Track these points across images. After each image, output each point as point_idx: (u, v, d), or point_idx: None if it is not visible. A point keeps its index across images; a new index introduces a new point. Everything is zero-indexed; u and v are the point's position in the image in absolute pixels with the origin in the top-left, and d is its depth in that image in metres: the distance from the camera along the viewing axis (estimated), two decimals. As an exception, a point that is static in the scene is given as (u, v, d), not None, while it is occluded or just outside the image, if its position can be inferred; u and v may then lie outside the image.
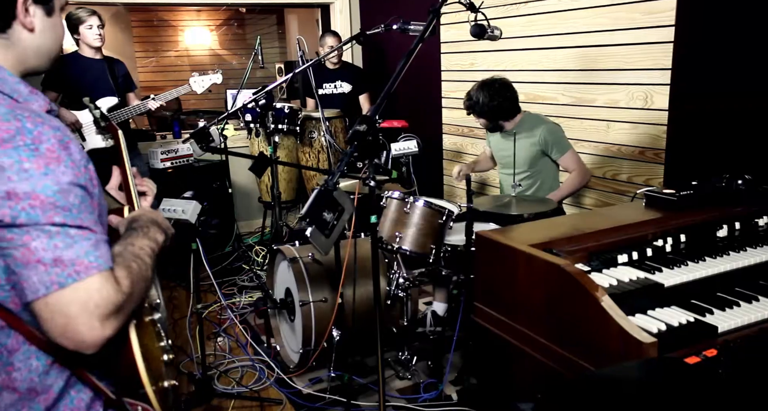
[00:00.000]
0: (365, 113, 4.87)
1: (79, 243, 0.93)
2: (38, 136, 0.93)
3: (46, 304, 0.91)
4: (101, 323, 0.93)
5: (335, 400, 2.60)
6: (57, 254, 0.91)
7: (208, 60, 8.15)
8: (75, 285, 0.91)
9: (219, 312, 3.59)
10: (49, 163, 0.93)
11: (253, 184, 4.94)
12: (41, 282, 0.91)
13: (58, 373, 1.04)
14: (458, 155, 4.43)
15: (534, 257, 1.60)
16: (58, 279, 0.91)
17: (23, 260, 0.91)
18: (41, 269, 0.91)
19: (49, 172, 0.92)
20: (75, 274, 0.91)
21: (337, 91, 4.66)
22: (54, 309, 0.91)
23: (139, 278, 1.04)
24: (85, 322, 0.92)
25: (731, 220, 1.88)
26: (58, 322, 0.92)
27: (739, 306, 1.54)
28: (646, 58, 2.86)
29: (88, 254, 0.93)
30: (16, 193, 0.90)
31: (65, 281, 0.91)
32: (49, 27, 1.07)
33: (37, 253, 0.91)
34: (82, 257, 0.92)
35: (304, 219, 1.68)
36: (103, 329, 0.93)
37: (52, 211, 0.92)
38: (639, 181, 3.01)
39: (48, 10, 1.06)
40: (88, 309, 0.92)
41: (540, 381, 1.66)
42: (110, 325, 0.95)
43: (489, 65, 3.91)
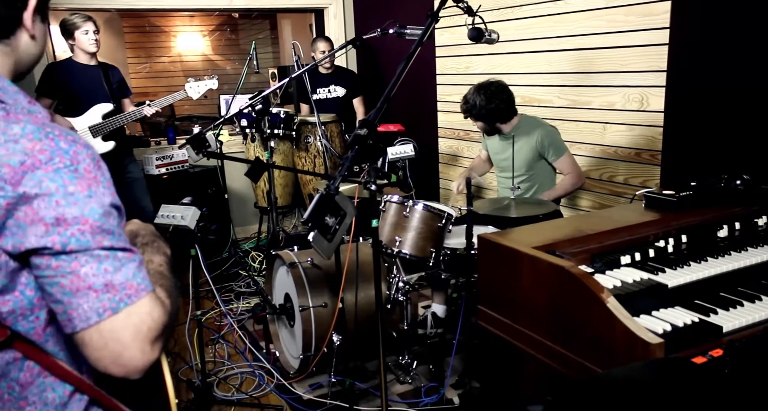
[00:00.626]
0: (360, 117, 4.91)
1: (126, 266, 0.90)
2: (75, 157, 0.89)
3: (99, 331, 0.87)
4: (151, 346, 0.91)
5: (336, 405, 2.59)
6: (108, 279, 0.88)
7: (201, 65, 8.14)
8: (128, 309, 0.88)
9: (217, 318, 3.57)
10: (91, 185, 0.89)
11: (249, 189, 4.93)
12: (92, 309, 0.87)
13: (76, 403, 1.00)
14: (454, 159, 4.43)
15: (538, 259, 1.60)
16: (110, 305, 0.88)
17: (72, 288, 0.87)
18: (92, 296, 0.87)
19: (92, 194, 0.89)
20: (126, 297, 0.89)
21: (331, 95, 4.66)
22: (107, 336, 0.88)
23: (171, 294, 1.02)
24: (138, 347, 0.89)
25: (731, 220, 1.89)
26: (113, 349, 0.88)
27: (742, 306, 1.55)
28: (641, 60, 2.88)
29: (135, 276, 0.91)
30: (65, 219, 0.86)
31: (117, 306, 0.88)
32: (44, 33, 1.05)
33: (88, 279, 0.87)
34: (131, 280, 0.90)
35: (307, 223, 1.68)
36: (153, 352, 0.91)
37: (100, 235, 0.89)
38: (635, 182, 3.03)
39: (44, 16, 1.04)
40: (141, 333, 0.89)
41: (545, 383, 1.66)
42: (158, 346, 0.92)
43: (484, 68, 3.92)
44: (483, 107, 2.91)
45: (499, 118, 2.98)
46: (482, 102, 2.91)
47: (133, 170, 4.00)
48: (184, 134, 5.15)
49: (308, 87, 3.97)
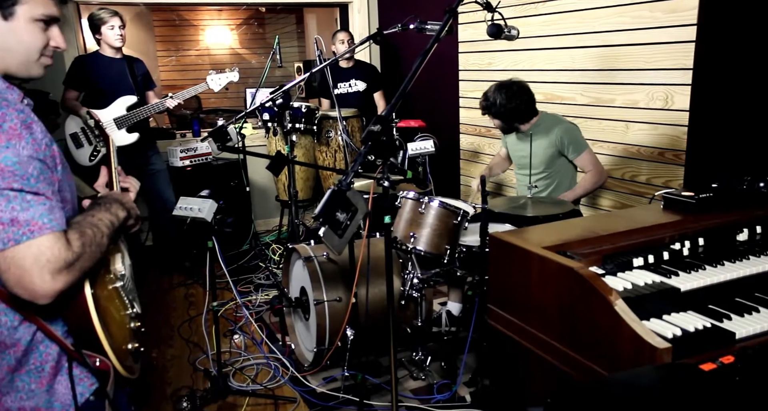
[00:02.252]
0: (381, 111, 4.90)
1: (35, 207, 1.07)
2: (2, 116, 1.07)
3: (3, 257, 1.05)
4: (52, 276, 1.07)
5: (348, 399, 2.61)
6: (14, 215, 1.05)
7: (228, 59, 8.22)
8: (29, 242, 1.05)
9: (235, 310, 3.62)
10: (11, 139, 1.07)
11: (271, 182, 4.97)
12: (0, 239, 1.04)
13: (25, 329, 1.18)
14: (475, 155, 4.40)
15: (547, 260, 1.58)
16: (14, 236, 1.05)
17: None
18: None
19: (10, 145, 1.06)
20: (29, 232, 1.06)
21: (351, 89, 4.66)
22: (10, 262, 1.05)
23: (92, 242, 1.17)
24: (37, 274, 1.05)
25: (752, 223, 1.84)
26: (14, 273, 1.05)
27: (758, 312, 1.51)
28: (666, 58, 2.81)
29: (42, 216, 1.07)
30: None
31: (20, 238, 1.05)
32: (5, 31, 1.16)
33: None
34: (36, 219, 1.06)
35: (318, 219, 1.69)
36: (54, 282, 1.07)
37: (11, 179, 1.06)
38: (658, 182, 2.97)
39: (4, 14, 1.15)
40: (39, 263, 1.05)
41: (552, 384, 1.64)
42: (61, 279, 1.08)
43: (507, 65, 3.88)
44: (503, 106, 2.89)
45: (518, 118, 2.94)
46: (502, 101, 2.88)
47: (156, 162, 4.07)
48: (210, 127, 5.21)
49: (330, 82, 3.98)
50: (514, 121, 2.95)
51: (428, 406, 2.56)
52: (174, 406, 2.65)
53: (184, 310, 3.71)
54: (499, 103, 2.88)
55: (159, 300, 3.88)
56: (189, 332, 3.39)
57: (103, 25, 3.68)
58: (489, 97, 2.94)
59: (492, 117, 2.99)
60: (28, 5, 1.17)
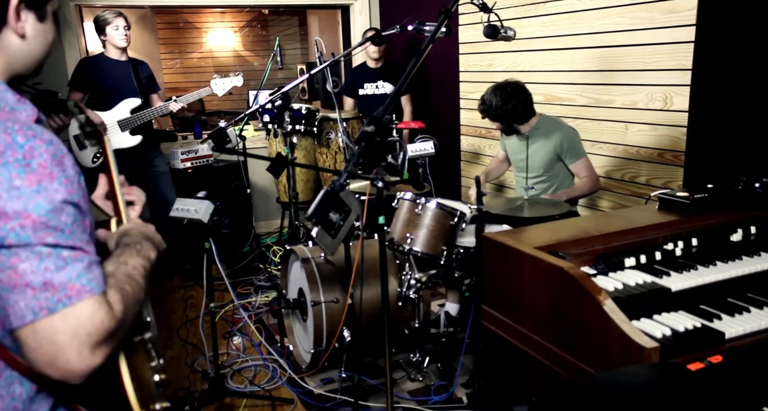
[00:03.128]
0: (407, 116, 4.84)
1: (71, 265, 0.88)
2: (30, 151, 0.88)
3: (33, 331, 0.85)
4: (91, 352, 0.87)
5: (345, 400, 2.61)
6: (47, 277, 0.86)
7: (231, 61, 8.26)
8: (65, 311, 0.86)
9: (234, 311, 3.63)
10: (42, 180, 0.88)
11: (272, 184, 4.99)
12: (28, 307, 0.85)
13: (43, 400, 0.98)
14: (476, 156, 4.40)
15: (539, 260, 1.58)
16: (47, 304, 0.85)
17: (10, 284, 0.85)
18: (29, 294, 0.85)
19: (41, 189, 0.87)
20: (66, 299, 0.86)
21: (378, 91, 4.56)
22: (42, 337, 0.85)
23: (133, 302, 0.98)
24: (75, 351, 0.86)
25: (747, 223, 1.83)
26: (47, 350, 0.86)
27: (749, 312, 1.50)
28: (666, 59, 2.80)
29: (80, 277, 0.88)
30: (5, 213, 0.85)
31: (55, 307, 0.85)
32: (40, 33, 1.03)
33: (26, 276, 0.85)
34: (74, 281, 0.87)
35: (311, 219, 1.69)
36: (93, 358, 0.88)
37: (44, 231, 0.86)
38: (658, 183, 2.96)
39: (41, 15, 1.02)
40: (78, 337, 0.86)
41: (544, 384, 1.64)
42: (101, 353, 0.89)
43: (507, 66, 3.87)
44: (499, 108, 2.89)
45: (516, 119, 2.94)
46: (498, 102, 2.88)
47: (159, 164, 4.09)
48: (212, 129, 5.23)
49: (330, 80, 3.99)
50: (512, 122, 2.95)
51: (425, 407, 2.55)
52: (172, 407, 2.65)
53: (183, 311, 3.72)
54: (496, 105, 2.89)
55: (158, 302, 3.90)
56: (187, 334, 3.40)
57: (107, 25, 3.71)
58: (486, 100, 2.94)
59: (491, 119, 2.99)
60: (52, 1, 1.04)
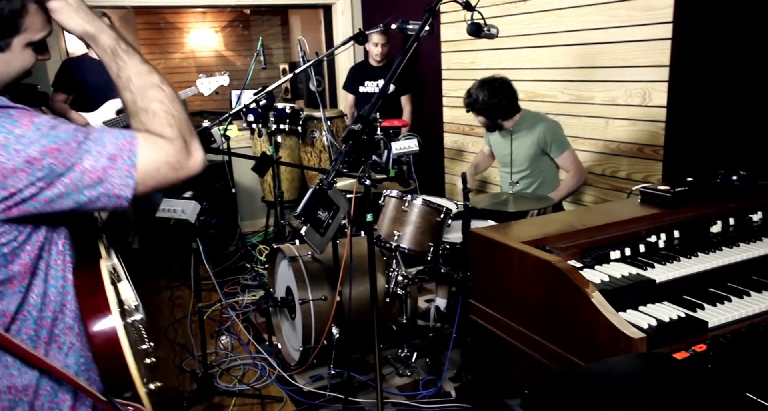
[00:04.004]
0: (407, 115, 4.79)
1: (107, 136, 1.02)
2: (5, 110, 0.97)
3: (146, 179, 1.04)
4: (187, 152, 1.12)
5: (334, 397, 2.62)
6: (106, 153, 1.00)
7: (213, 61, 8.19)
8: (141, 154, 1.04)
9: (221, 311, 3.62)
10: (32, 118, 0.97)
11: (257, 183, 4.97)
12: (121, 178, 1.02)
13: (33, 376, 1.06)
14: (459, 153, 4.43)
15: (526, 254, 1.61)
16: (125, 164, 1.01)
17: (95, 180, 0.99)
18: (111, 171, 1.00)
19: (39, 126, 0.96)
20: (131, 153, 1.02)
21: (378, 89, 4.56)
22: (151, 170, 1.05)
23: (150, 90, 1.20)
24: (179, 154, 1.11)
25: (725, 215, 1.88)
26: (168, 170, 1.08)
27: (730, 301, 1.55)
28: (644, 56, 2.86)
29: (119, 137, 1.03)
30: (33, 158, 0.94)
31: (132, 159, 1.03)
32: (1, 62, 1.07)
33: (97, 165, 0.99)
34: (121, 139, 1.02)
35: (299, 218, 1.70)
36: (191, 153, 1.13)
37: (73, 136, 0.98)
38: (637, 177, 3.01)
39: (1, 46, 1.05)
40: (165, 151, 1.08)
41: (533, 377, 1.67)
42: (192, 142, 1.16)
43: (489, 64, 3.91)
44: (486, 102, 2.91)
45: (501, 114, 2.97)
46: (485, 97, 2.91)
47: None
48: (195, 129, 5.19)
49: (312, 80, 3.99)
50: (497, 117, 2.98)
51: (414, 402, 2.58)
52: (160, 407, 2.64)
53: (170, 312, 3.70)
54: (482, 99, 2.91)
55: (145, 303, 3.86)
56: (175, 334, 3.38)
57: None
58: (472, 94, 2.97)
59: (476, 114, 3.02)
60: (25, 33, 1.07)
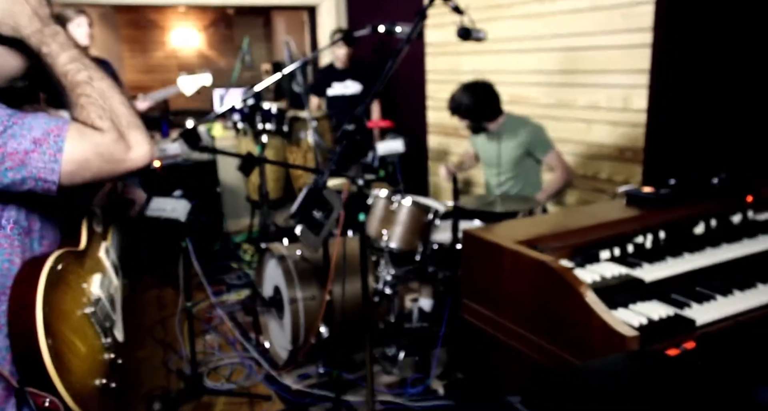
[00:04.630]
0: (375, 116, 4.79)
1: (35, 120, 1.08)
2: None
3: (50, 174, 1.06)
4: (123, 140, 1.12)
5: (323, 395, 2.63)
6: (30, 137, 1.05)
7: (195, 60, 8.13)
8: (67, 142, 1.08)
9: (208, 310, 3.60)
10: None
11: (242, 182, 4.95)
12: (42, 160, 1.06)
13: None
14: (443, 155, 4.48)
15: (520, 254, 1.65)
16: (52, 148, 1.07)
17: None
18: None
19: None
20: (58, 138, 1.07)
21: (347, 91, 4.54)
22: (94, 154, 1.09)
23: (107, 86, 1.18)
24: (114, 146, 1.11)
25: (708, 216, 1.95)
26: (98, 158, 1.09)
27: (716, 299, 1.61)
28: (625, 61, 2.93)
29: (48, 123, 1.09)
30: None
31: (59, 143, 1.07)
32: None
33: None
34: (50, 125, 1.08)
35: (294, 217, 1.72)
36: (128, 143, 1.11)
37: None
38: (618, 179, 3.09)
39: None
40: (94, 137, 1.12)
41: (526, 375, 1.71)
42: (135, 133, 1.14)
43: (473, 67, 3.96)
44: (469, 106, 2.96)
45: (485, 117, 3.02)
46: (468, 101, 2.95)
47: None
48: (179, 128, 5.16)
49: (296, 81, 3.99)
50: (481, 119, 3.02)
51: (402, 400, 2.60)
52: (147, 407, 2.63)
53: (156, 311, 3.67)
54: (466, 103, 2.96)
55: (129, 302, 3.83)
56: (161, 334, 3.36)
57: (69, 23, 3.62)
58: (456, 98, 3.01)
59: (460, 117, 3.06)
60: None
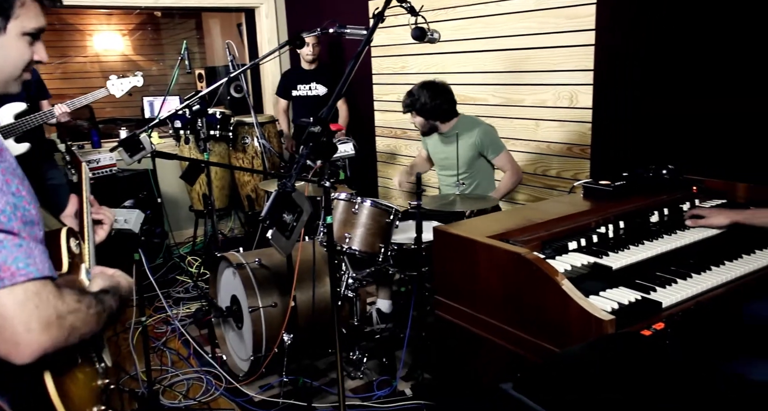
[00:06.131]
0: (343, 117, 4.74)
1: (8, 249, 0.88)
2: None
3: None
4: (40, 327, 0.87)
5: (290, 404, 2.58)
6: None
7: (120, 66, 7.78)
8: (11, 288, 0.87)
9: (156, 326, 3.45)
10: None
11: (183, 192, 4.79)
12: None
13: None
14: (392, 157, 4.50)
15: (494, 248, 1.68)
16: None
17: None
18: None
19: None
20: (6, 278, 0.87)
21: (311, 93, 4.47)
22: None
23: (90, 319, 0.99)
24: (23, 322, 0.86)
25: (660, 206, 2.06)
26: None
27: (676, 283, 1.69)
28: (570, 60, 3.05)
29: (16, 261, 0.88)
30: None
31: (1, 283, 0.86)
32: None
33: None
34: (9, 264, 0.87)
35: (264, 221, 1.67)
36: (41, 335, 0.87)
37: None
38: (567, 175, 3.21)
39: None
40: (26, 308, 0.86)
41: (504, 366, 1.74)
42: (50, 333, 0.88)
43: (420, 68, 4.01)
44: (427, 103, 2.99)
45: (441, 117, 3.06)
46: (426, 98, 2.98)
47: (55, 176, 3.79)
48: (108, 138, 4.93)
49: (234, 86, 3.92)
50: (436, 118, 3.05)
51: (371, 402, 2.59)
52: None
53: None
54: (423, 100, 2.98)
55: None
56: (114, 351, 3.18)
57: None
58: (414, 94, 3.03)
59: (415, 114, 3.07)
60: (21, 19, 1.05)
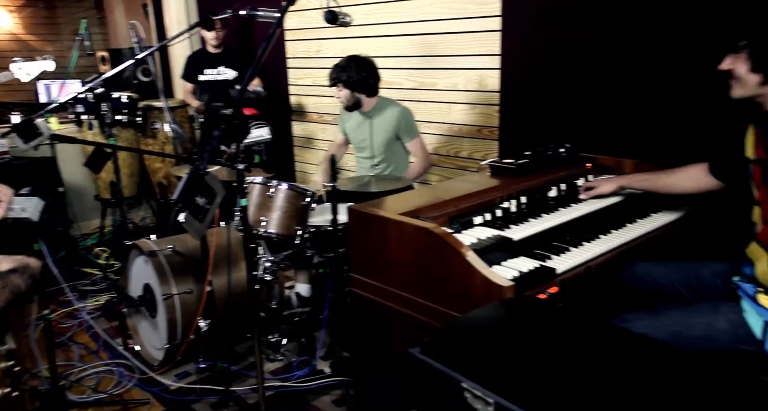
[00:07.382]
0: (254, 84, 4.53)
1: None
2: None
3: None
4: None
5: (207, 390, 2.56)
6: None
7: (8, 46, 7.23)
8: None
9: (60, 320, 3.29)
10: None
11: (87, 181, 4.55)
12: None
13: None
14: (309, 141, 4.50)
15: (405, 224, 1.75)
16: None
17: None
18: None
19: None
20: None
21: (220, 77, 4.32)
22: None
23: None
24: None
25: (558, 182, 2.21)
26: None
27: (570, 251, 1.84)
28: (478, 45, 3.17)
29: None
30: None
31: None
32: None
33: None
34: None
35: (177, 204, 1.65)
36: None
37: None
38: (478, 156, 3.34)
39: None
40: None
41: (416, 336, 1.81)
42: None
43: (335, 52, 4.01)
44: (353, 76, 3.02)
45: (366, 90, 3.09)
46: (352, 71, 3.01)
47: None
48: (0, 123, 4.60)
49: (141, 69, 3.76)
50: (362, 91, 3.08)
51: (290, 383, 2.61)
52: None
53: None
54: (350, 72, 3.02)
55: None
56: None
57: None
58: (341, 66, 3.04)
59: (341, 87, 3.08)
60: None
